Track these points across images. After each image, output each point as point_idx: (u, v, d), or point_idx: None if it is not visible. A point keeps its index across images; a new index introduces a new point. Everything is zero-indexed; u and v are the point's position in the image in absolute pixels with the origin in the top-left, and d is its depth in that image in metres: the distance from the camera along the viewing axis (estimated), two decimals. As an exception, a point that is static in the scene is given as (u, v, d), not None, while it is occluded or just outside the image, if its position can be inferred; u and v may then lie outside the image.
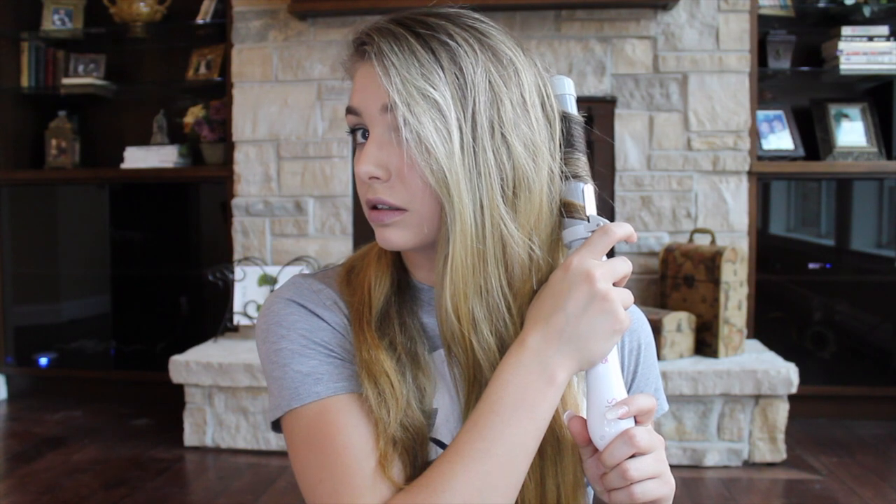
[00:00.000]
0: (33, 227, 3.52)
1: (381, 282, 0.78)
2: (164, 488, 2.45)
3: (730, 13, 2.95)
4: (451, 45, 0.70)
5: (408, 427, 0.72)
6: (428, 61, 0.69)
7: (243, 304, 3.01)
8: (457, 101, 0.68)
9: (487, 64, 0.70)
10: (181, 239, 3.47)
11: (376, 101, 0.70)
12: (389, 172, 0.71)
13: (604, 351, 0.69)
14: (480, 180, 0.69)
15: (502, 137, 0.70)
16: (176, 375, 2.76)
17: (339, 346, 0.75)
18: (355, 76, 0.75)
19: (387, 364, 0.73)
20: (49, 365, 3.47)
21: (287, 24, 3.08)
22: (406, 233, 0.73)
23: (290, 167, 3.11)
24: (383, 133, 0.71)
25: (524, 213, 0.71)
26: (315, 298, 0.78)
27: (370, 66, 0.71)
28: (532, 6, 2.94)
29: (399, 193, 0.71)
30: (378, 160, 0.71)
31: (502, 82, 0.70)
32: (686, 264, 2.76)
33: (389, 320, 0.76)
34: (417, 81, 0.68)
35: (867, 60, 2.95)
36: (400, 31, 0.70)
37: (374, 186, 0.72)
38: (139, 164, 3.30)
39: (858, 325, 3.11)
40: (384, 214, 0.72)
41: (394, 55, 0.69)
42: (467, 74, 0.69)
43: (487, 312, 0.71)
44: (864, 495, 2.33)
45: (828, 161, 3.05)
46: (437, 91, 0.68)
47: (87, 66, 3.45)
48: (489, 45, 0.71)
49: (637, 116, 2.99)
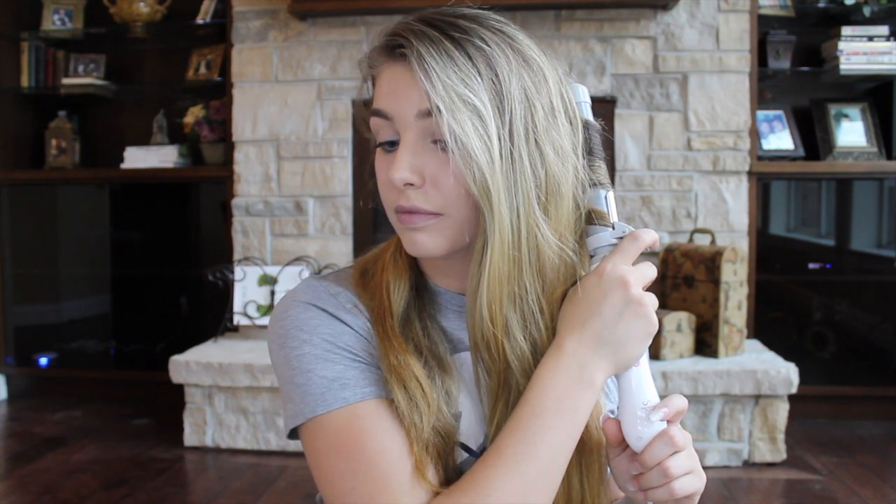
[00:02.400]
0: (33, 227, 3.51)
1: (400, 285, 0.77)
2: (164, 488, 2.45)
3: (730, 13, 2.95)
4: (487, 51, 0.69)
5: (440, 431, 0.71)
6: (466, 66, 0.68)
7: (243, 304, 3.01)
8: (495, 108, 0.68)
9: (520, 70, 0.70)
10: (181, 239, 3.47)
11: (412, 105, 0.69)
12: (423, 178, 0.70)
13: (638, 354, 0.71)
14: (518, 187, 0.69)
15: (536, 144, 0.70)
16: (176, 375, 2.76)
17: (364, 350, 0.74)
18: (381, 77, 0.73)
19: (416, 368, 0.72)
20: (49, 365, 3.47)
21: (287, 24, 3.08)
22: (439, 238, 0.72)
23: (290, 167, 3.11)
24: (417, 139, 0.70)
25: (556, 218, 0.71)
26: (334, 302, 0.76)
27: (403, 68, 0.70)
28: (532, 6, 2.94)
29: (434, 199, 0.70)
30: (412, 166, 0.70)
31: (534, 88, 0.70)
32: (686, 264, 2.76)
33: (411, 324, 0.76)
34: (458, 87, 0.67)
35: (867, 60, 2.95)
36: (435, 35, 0.69)
37: (406, 193, 0.71)
38: (139, 164, 3.30)
39: (858, 325, 3.11)
40: (417, 217, 0.71)
41: (432, 59, 0.67)
42: (503, 80, 0.69)
43: (521, 318, 0.71)
44: (864, 495, 2.33)
45: (828, 161, 3.05)
46: (477, 97, 0.67)
47: (87, 66, 3.45)
48: (519, 50, 0.71)
49: (637, 116, 2.99)
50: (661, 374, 2.55)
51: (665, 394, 2.58)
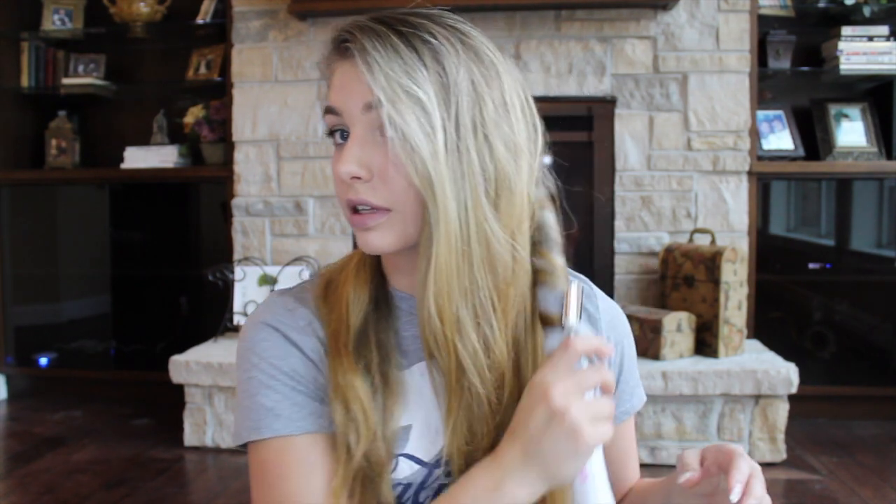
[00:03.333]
0: (33, 227, 3.51)
1: (360, 297, 0.77)
2: (164, 488, 2.45)
3: (730, 13, 2.95)
4: (434, 44, 0.69)
5: (370, 458, 0.71)
6: (411, 59, 0.68)
7: (243, 304, 3.01)
8: (440, 100, 0.68)
9: (469, 63, 0.70)
10: (181, 239, 3.47)
11: (358, 99, 0.69)
12: (371, 172, 0.70)
13: (571, 471, 0.66)
14: (464, 180, 0.68)
15: (485, 137, 0.69)
16: (176, 375, 2.76)
17: (308, 377, 0.75)
18: (333, 75, 0.74)
19: (361, 390, 0.72)
20: (49, 365, 3.47)
21: (287, 24, 3.08)
22: (389, 234, 0.71)
23: (290, 167, 3.11)
24: (365, 132, 0.70)
25: (506, 214, 0.70)
26: (289, 320, 0.77)
27: (350, 64, 0.70)
28: (532, 6, 2.94)
29: (381, 193, 0.70)
30: (360, 160, 0.70)
31: (484, 82, 0.70)
32: (686, 264, 2.76)
33: (367, 340, 0.75)
34: (401, 79, 0.67)
35: (867, 60, 2.95)
36: (382, 29, 0.69)
37: (354, 187, 0.70)
38: (139, 164, 3.30)
39: (858, 325, 3.11)
40: (367, 218, 0.71)
41: (377, 52, 0.68)
42: (450, 73, 0.68)
43: (473, 314, 0.70)
44: (864, 495, 2.33)
45: (828, 161, 3.05)
46: (421, 89, 0.67)
47: (87, 66, 3.45)
48: (471, 46, 0.71)
49: (637, 116, 2.99)
50: (662, 374, 2.55)
51: (665, 394, 2.58)
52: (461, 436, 0.72)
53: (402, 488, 0.74)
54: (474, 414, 0.71)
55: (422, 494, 0.75)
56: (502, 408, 0.71)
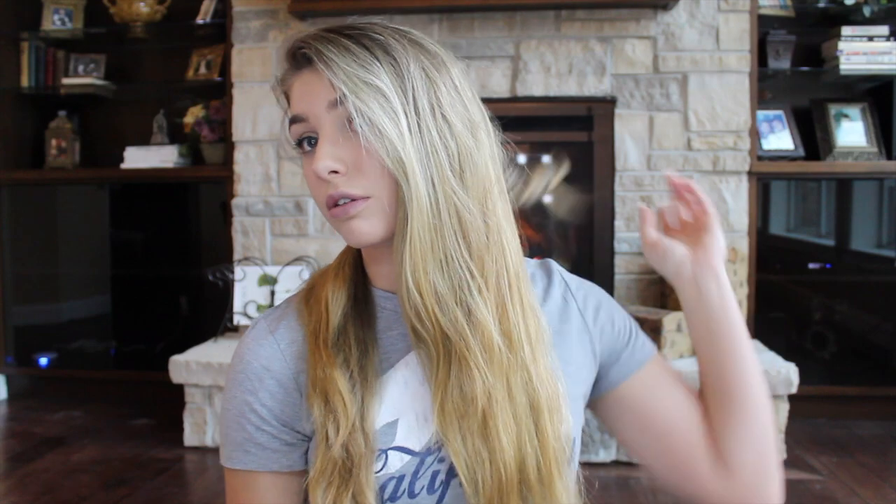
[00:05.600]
0: (33, 227, 3.51)
1: (338, 297, 0.80)
2: (164, 488, 2.45)
3: (730, 13, 2.95)
4: (381, 40, 0.73)
5: (349, 450, 0.73)
6: (363, 54, 0.72)
7: (243, 304, 3.01)
8: (397, 87, 0.72)
9: (417, 54, 0.74)
10: (181, 239, 3.47)
11: (321, 100, 0.73)
12: (346, 165, 0.73)
13: None
14: (429, 158, 0.72)
15: (443, 117, 0.73)
16: (176, 375, 2.76)
17: (276, 411, 0.78)
18: (293, 88, 0.77)
19: (340, 383, 0.75)
20: (49, 365, 3.47)
21: (287, 24, 3.08)
22: (373, 221, 0.74)
23: (290, 167, 3.11)
24: (333, 129, 0.73)
25: (473, 185, 0.74)
26: (267, 347, 0.79)
27: (308, 71, 0.74)
28: (532, 6, 2.94)
29: (359, 183, 0.73)
30: (333, 154, 0.73)
31: (434, 69, 0.74)
32: (686, 264, 2.76)
33: (346, 336, 0.78)
34: (358, 72, 0.71)
35: (867, 60, 2.95)
36: (331, 35, 0.74)
37: (333, 182, 0.73)
38: (139, 164, 3.30)
39: (858, 325, 3.11)
40: (348, 206, 0.73)
41: (331, 53, 0.72)
42: (401, 63, 0.73)
43: (451, 284, 0.73)
44: (864, 495, 2.33)
45: (828, 161, 3.05)
46: (378, 79, 0.71)
47: (87, 66, 3.45)
48: (415, 41, 0.76)
49: (637, 116, 2.99)
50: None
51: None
52: (452, 408, 0.73)
53: (395, 482, 0.75)
54: (464, 380, 0.73)
55: (416, 484, 0.75)
56: (493, 369, 0.73)
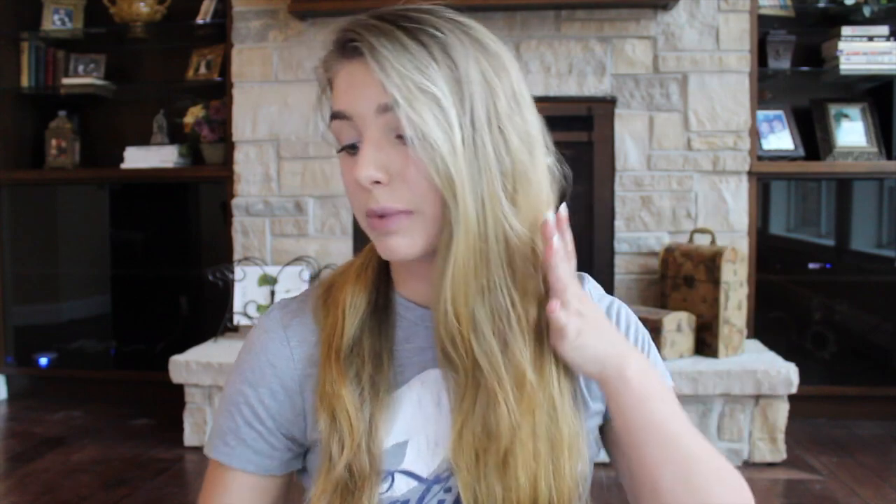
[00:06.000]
0: (33, 227, 3.51)
1: (357, 302, 0.75)
2: (164, 488, 2.45)
3: (730, 13, 2.95)
4: (440, 37, 0.67)
5: (353, 471, 0.70)
6: (421, 54, 0.66)
7: (243, 304, 3.01)
8: (454, 95, 0.66)
9: (477, 55, 0.68)
10: (181, 239, 3.47)
11: (370, 101, 0.67)
12: (390, 175, 0.67)
13: None
14: (481, 176, 0.66)
15: (500, 130, 0.67)
16: (176, 375, 2.76)
17: (272, 412, 0.75)
18: (337, 78, 0.71)
19: (348, 399, 0.71)
20: (49, 365, 3.47)
21: (287, 24, 3.08)
22: (414, 238, 0.68)
23: (290, 167, 3.11)
24: (379, 135, 0.67)
25: (525, 208, 0.69)
26: (279, 342, 0.76)
27: (358, 64, 0.67)
28: (532, 6, 2.94)
29: (403, 196, 0.67)
30: (377, 163, 0.67)
31: (494, 73, 0.68)
32: (686, 264, 2.76)
33: (360, 348, 0.73)
34: (414, 76, 0.64)
35: (867, 60, 2.95)
36: (386, 27, 0.67)
37: (374, 193, 0.68)
38: (139, 164, 3.30)
39: (858, 325, 3.11)
40: (389, 221, 0.68)
41: (386, 50, 0.65)
42: (460, 66, 0.66)
43: (489, 312, 0.68)
44: (864, 495, 2.33)
45: (828, 161, 3.05)
46: (435, 85, 0.65)
47: (87, 66, 3.45)
48: (475, 37, 0.69)
49: (637, 116, 2.99)
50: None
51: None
52: (472, 439, 0.69)
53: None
54: (489, 414, 0.68)
55: None
56: (521, 407, 0.69)
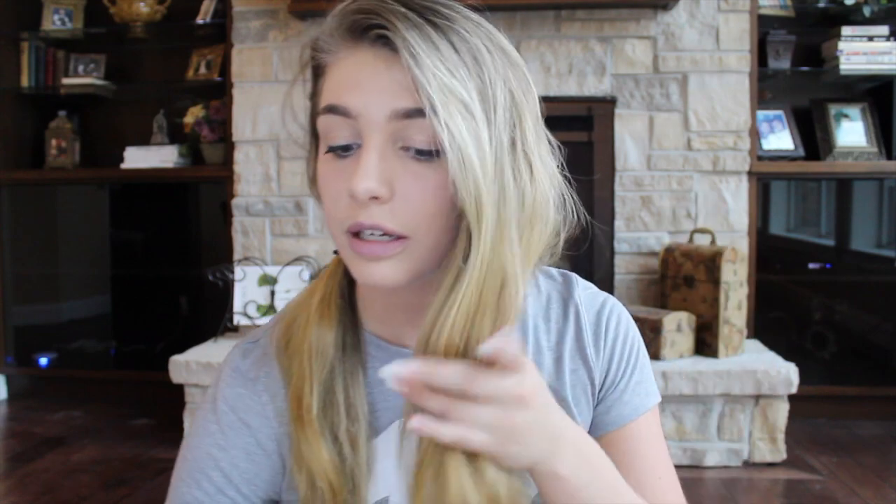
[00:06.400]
0: (33, 227, 3.51)
1: (323, 347, 0.65)
2: (164, 488, 2.43)
3: (730, 13, 2.95)
4: (472, 43, 0.57)
5: None
6: (452, 58, 0.56)
7: (243, 304, 3.01)
8: (483, 108, 0.56)
9: (506, 70, 0.59)
10: (181, 239, 3.47)
11: (384, 103, 0.57)
12: (392, 191, 0.57)
13: None
14: (503, 207, 0.56)
15: (524, 156, 0.58)
16: (176, 375, 2.76)
17: (247, 475, 0.67)
18: (340, 65, 0.60)
19: (327, 462, 0.63)
20: (49, 365, 3.47)
21: (287, 24, 3.08)
22: (403, 267, 0.59)
23: (290, 167, 3.11)
24: (384, 143, 0.57)
25: (534, 250, 0.60)
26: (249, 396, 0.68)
27: (373, 56, 0.58)
28: (532, 6, 2.94)
29: (401, 217, 0.58)
30: (381, 175, 0.57)
31: (521, 93, 0.59)
32: (686, 264, 2.76)
33: (333, 399, 0.64)
34: (446, 79, 0.55)
35: (867, 60, 2.95)
36: (416, 19, 0.56)
37: (369, 209, 0.57)
38: (139, 164, 3.30)
39: (858, 325, 3.11)
40: (378, 246, 0.58)
41: (421, 46, 0.55)
42: (489, 80, 0.57)
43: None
44: (864, 495, 2.33)
45: (828, 161, 3.05)
46: (468, 94, 0.55)
47: (87, 66, 3.45)
48: (501, 48, 0.60)
49: (637, 116, 2.99)
50: (662, 374, 2.55)
51: (665, 394, 2.59)
52: None
53: None
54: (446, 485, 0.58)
55: None
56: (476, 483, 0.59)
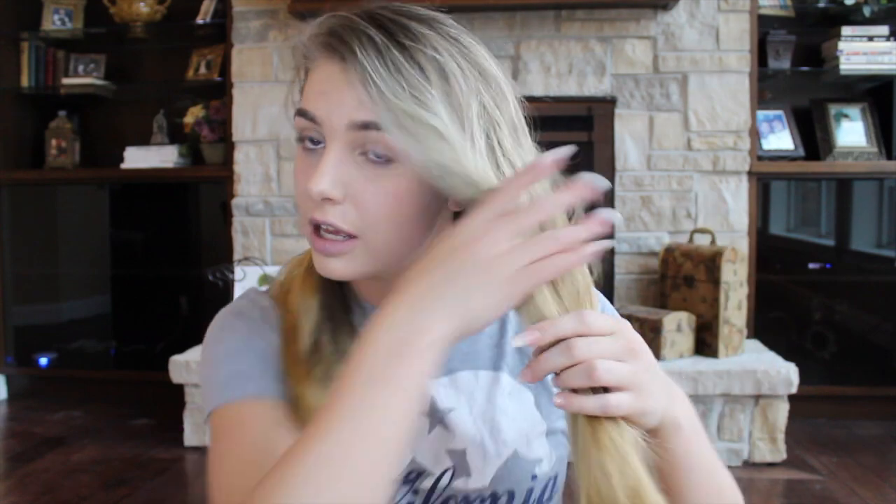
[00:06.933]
0: (33, 227, 3.51)
1: (308, 305, 0.71)
2: (164, 488, 2.45)
3: (730, 13, 2.95)
4: (440, 61, 0.62)
5: None
6: (416, 76, 0.61)
7: (243, 304, 3.01)
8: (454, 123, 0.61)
9: (478, 84, 0.63)
10: (181, 239, 3.47)
11: (343, 113, 0.62)
12: (345, 194, 0.63)
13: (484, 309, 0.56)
14: None
15: (506, 160, 0.63)
16: (176, 375, 2.76)
17: (276, 362, 0.69)
18: (313, 73, 0.66)
19: (315, 402, 0.65)
20: (49, 365, 3.47)
21: (287, 24, 3.08)
22: (352, 264, 0.65)
23: (290, 167, 3.11)
24: (343, 150, 0.63)
25: None
26: (261, 319, 0.72)
27: (339, 69, 0.63)
28: (532, 6, 2.94)
29: (352, 218, 0.63)
30: (335, 179, 0.62)
31: (494, 104, 0.64)
32: (686, 264, 2.76)
33: (321, 348, 0.69)
34: (407, 104, 0.60)
35: (867, 60, 2.95)
36: (382, 40, 0.61)
37: (323, 208, 0.63)
38: (139, 164, 3.30)
39: (858, 325, 3.11)
40: (329, 244, 0.64)
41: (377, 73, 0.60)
42: (459, 96, 0.62)
43: None
44: (864, 495, 2.33)
45: (828, 161, 3.05)
46: (433, 113, 0.60)
47: (87, 66, 3.45)
48: (475, 62, 0.65)
49: (637, 116, 2.99)
50: (661, 374, 2.54)
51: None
52: None
53: None
54: None
55: None
56: None
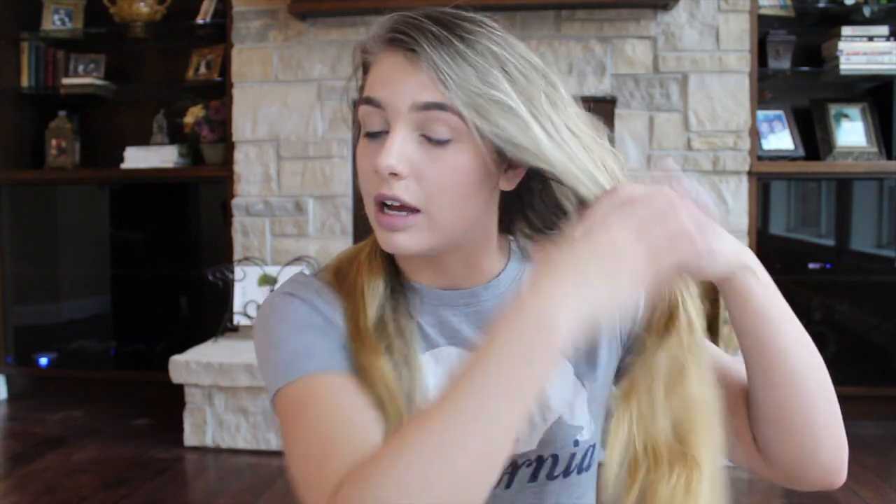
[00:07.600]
0: (33, 227, 3.51)
1: (374, 285, 0.76)
2: (164, 488, 2.45)
3: (730, 13, 2.95)
4: (497, 52, 0.68)
5: None
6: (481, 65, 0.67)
7: (243, 304, 3.01)
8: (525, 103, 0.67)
9: (533, 73, 0.69)
10: (181, 239, 3.47)
11: (407, 96, 0.68)
12: (410, 169, 0.68)
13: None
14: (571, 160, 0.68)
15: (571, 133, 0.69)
16: (176, 375, 2.76)
17: (337, 336, 0.72)
18: (376, 64, 0.71)
19: (385, 371, 0.70)
20: (49, 365, 3.47)
21: (287, 24, 3.08)
22: (416, 237, 0.70)
23: (290, 167, 3.11)
24: (408, 130, 0.68)
25: None
26: (316, 295, 0.75)
27: (402, 58, 0.68)
28: (532, 6, 2.94)
29: (415, 192, 0.69)
30: (401, 155, 0.68)
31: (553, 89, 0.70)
32: (686, 264, 2.76)
33: (385, 325, 0.74)
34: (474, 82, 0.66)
35: (867, 60, 2.95)
36: (441, 33, 0.68)
37: (389, 183, 0.69)
38: (139, 164, 3.30)
39: (858, 325, 3.11)
40: (396, 219, 0.70)
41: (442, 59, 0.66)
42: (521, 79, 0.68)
43: None
44: (864, 495, 2.33)
45: (828, 161, 3.05)
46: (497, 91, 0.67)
47: (87, 66, 3.45)
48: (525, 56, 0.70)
49: (637, 116, 2.99)
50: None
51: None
52: None
53: None
54: None
55: None
56: None
